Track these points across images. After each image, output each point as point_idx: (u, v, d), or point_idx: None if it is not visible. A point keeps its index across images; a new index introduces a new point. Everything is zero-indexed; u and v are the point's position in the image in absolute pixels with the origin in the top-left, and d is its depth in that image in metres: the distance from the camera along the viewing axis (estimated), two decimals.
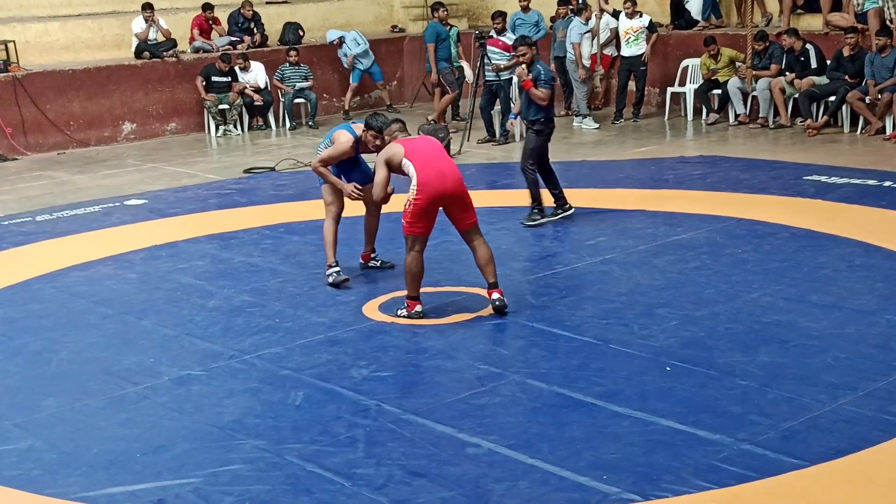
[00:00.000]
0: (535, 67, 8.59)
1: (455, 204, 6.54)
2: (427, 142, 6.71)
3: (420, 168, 6.42)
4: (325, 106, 16.15)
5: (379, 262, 7.79)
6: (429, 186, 6.39)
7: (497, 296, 6.66)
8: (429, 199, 6.42)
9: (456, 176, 6.51)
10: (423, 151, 6.54)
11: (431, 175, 6.41)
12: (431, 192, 6.40)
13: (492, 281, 6.66)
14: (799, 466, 4.48)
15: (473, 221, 6.63)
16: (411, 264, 6.58)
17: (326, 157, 7.30)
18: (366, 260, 7.83)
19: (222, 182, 11.50)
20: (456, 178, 6.50)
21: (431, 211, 6.52)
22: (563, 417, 5.10)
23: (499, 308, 6.61)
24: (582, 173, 11.06)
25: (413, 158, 6.48)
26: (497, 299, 6.65)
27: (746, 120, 13.56)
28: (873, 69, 12.21)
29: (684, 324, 6.33)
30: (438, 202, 6.48)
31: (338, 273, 7.42)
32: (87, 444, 5.04)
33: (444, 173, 6.45)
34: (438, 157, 6.55)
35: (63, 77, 14.19)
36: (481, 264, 6.65)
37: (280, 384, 5.69)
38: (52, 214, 10.11)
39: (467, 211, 6.60)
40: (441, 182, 6.42)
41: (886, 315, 6.31)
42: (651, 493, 4.31)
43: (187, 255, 8.49)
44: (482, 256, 6.63)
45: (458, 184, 6.50)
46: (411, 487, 4.47)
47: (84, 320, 6.95)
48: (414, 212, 6.46)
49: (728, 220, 8.72)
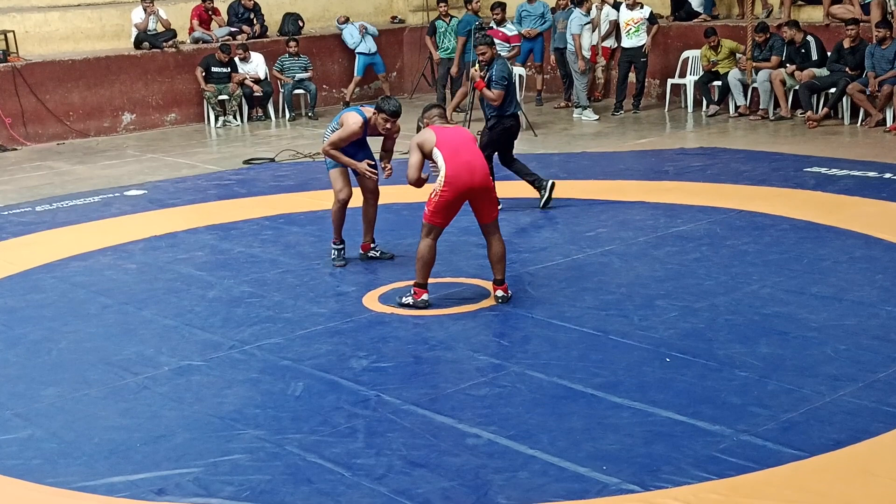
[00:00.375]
0: (492, 67, 8.76)
1: (482, 197, 6.51)
2: (458, 132, 6.64)
3: (449, 159, 6.38)
4: (324, 97, 16.13)
5: (379, 253, 7.79)
6: (458, 180, 6.36)
7: (501, 293, 6.70)
8: (456, 193, 6.40)
9: (484, 169, 6.49)
10: (455, 142, 6.47)
11: (461, 168, 6.37)
12: (460, 186, 6.37)
13: (499, 277, 6.70)
14: (798, 457, 4.49)
15: (496, 215, 6.64)
16: (424, 251, 6.56)
17: (336, 140, 7.34)
18: (365, 250, 7.83)
19: (222, 173, 11.49)
20: (484, 172, 6.47)
21: (456, 204, 6.50)
22: (562, 408, 5.10)
23: (502, 303, 6.67)
24: (582, 165, 11.06)
25: (443, 148, 6.42)
26: (501, 296, 6.69)
27: (747, 111, 13.55)
28: (874, 61, 12.19)
29: (684, 315, 6.33)
30: (465, 196, 6.46)
31: (339, 252, 7.55)
32: (87, 434, 5.04)
33: (473, 167, 6.41)
34: (469, 149, 6.49)
35: (63, 67, 14.16)
36: (494, 259, 6.66)
37: (280, 374, 5.69)
38: (51, 205, 10.10)
39: (490, 203, 6.59)
40: (470, 175, 6.39)
41: (886, 307, 6.31)
42: (650, 483, 4.32)
43: (187, 246, 8.48)
44: (496, 252, 6.64)
45: (485, 177, 6.47)
46: (411, 477, 4.47)
47: (84, 310, 6.95)
48: (439, 202, 6.42)
49: (728, 212, 8.71)
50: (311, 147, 12.70)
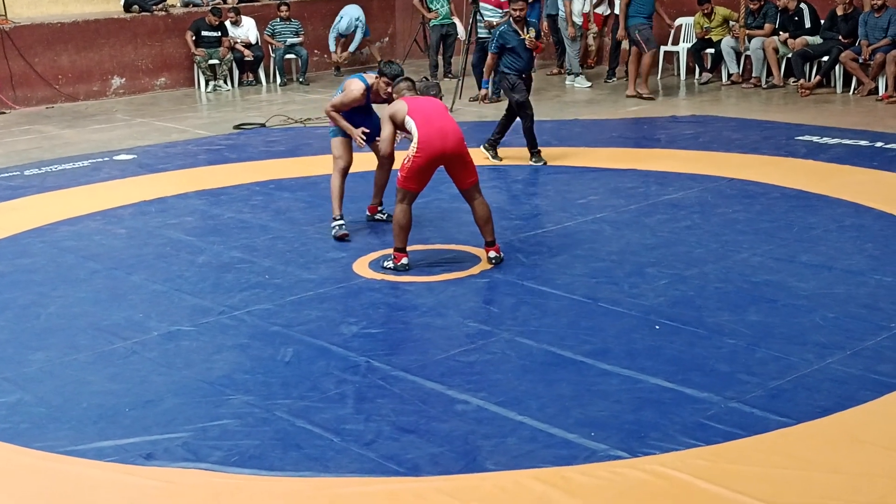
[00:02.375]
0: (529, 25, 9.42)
1: (455, 163, 6.55)
2: (430, 101, 6.70)
3: (421, 126, 6.44)
4: (316, 62, 16.04)
5: (385, 216, 7.81)
6: (430, 145, 6.41)
7: (494, 254, 6.74)
8: (428, 158, 6.44)
9: (458, 135, 6.51)
10: (426, 110, 6.55)
11: (433, 133, 6.42)
12: (432, 151, 6.42)
13: (489, 239, 6.74)
14: (785, 424, 4.50)
15: (474, 180, 6.65)
16: (399, 216, 6.61)
17: (338, 103, 7.36)
18: (372, 212, 7.88)
19: (212, 138, 11.44)
20: (457, 138, 6.49)
21: (429, 169, 6.55)
22: (552, 375, 5.11)
23: (495, 263, 6.71)
24: (574, 132, 11.03)
25: (416, 116, 6.49)
26: (494, 257, 6.73)
27: (739, 79, 13.52)
28: (867, 29, 12.15)
29: (674, 283, 6.33)
30: (438, 161, 6.50)
31: (340, 226, 7.46)
32: (75, 399, 5.04)
33: (445, 132, 6.46)
34: (441, 115, 6.55)
35: (51, 30, 14.05)
36: (480, 223, 6.69)
37: (270, 340, 5.68)
38: (40, 169, 10.05)
39: (467, 169, 6.61)
40: (442, 141, 6.43)
41: (875, 275, 6.33)
42: (638, 450, 4.33)
43: (177, 211, 8.45)
44: (481, 215, 6.66)
45: (458, 143, 6.49)
46: (400, 443, 4.48)
47: (73, 275, 6.93)
48: (412, 167, 6.48)
49: (719, 180, 8.71)
50: (302, 112, 12.64)
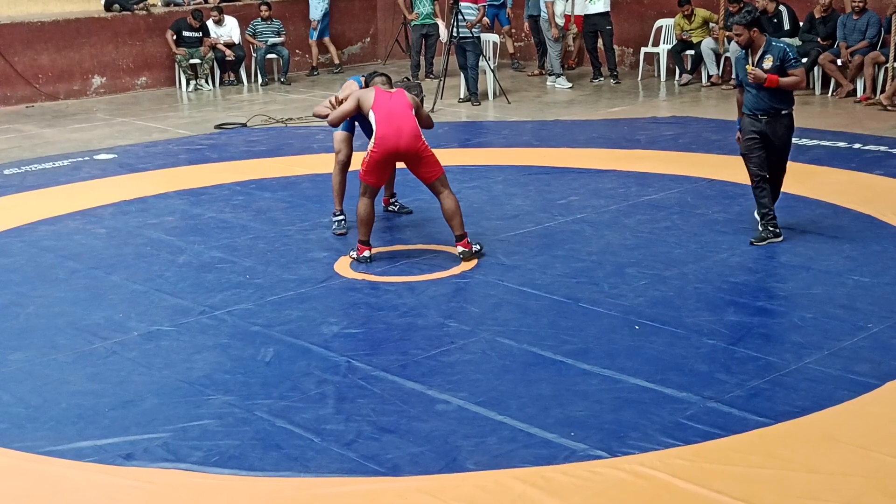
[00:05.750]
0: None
1: (411, 160, 6.74)
2: (396, 100, 6.77)
3: (380, 124, 6.63)
4: (297, 62, 16.00)
5: (398, 207, 7.95)
6: (385, 142, 6.60)
7: (462, 248, 6.78)
8: (383, 154, 6.63)
9: (412, 134, 6.64)
10: (388, 108, 6.69)
11: (390, 132, 6.60)
12: (387, 147, 6.61)
13: (458, 233, 6.79)
14: (764, 424, 4.53)
15: (436, 173, 6.76)
16: (361, 210, 6.80)
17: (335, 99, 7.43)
18: (385, 204, 8.00)
19: (193, 137, 11.40)
20: (411, 137, 6.63)
21: (385, 165, 6.75)
22: (532, 375, 5.13)
23: (466, 258, 6.75)
24: (554, 132, 11.06)
25: (378, 112, 6.68)
26: (462, 252, 6.77)
27: (719, 81, 13.58)
28: (845, 32, 12.23)
29: (654, 283, 6.36)
30: (393, 157, 6.71)
31: (339, 223, 7.51)
32: (55, 399, 5.02)
33: (401, 131, 6.62)
34: (402, 115, 6.68)
35: (31, 29, 13.97)
36: (447, 216, 6.79)
37: (250, 340, 5.68)
38: (20, 168, 9.99)
39: (426, 165, 6.74)
40: (396, 139, 6.60)
41: (853, 276, 6.37)
42: (618, 449, 4.35)
43: (157, 211, 8.43)
44: (448, 208, 6.75)
45: (411, 141, 6.63)
46: (380, 443, 4.49)
47: (52, 275, 6.89)
48: (370, 161, 6.68)
49: (699, 181, 8.75)
50: (284, 112, 12.63)
